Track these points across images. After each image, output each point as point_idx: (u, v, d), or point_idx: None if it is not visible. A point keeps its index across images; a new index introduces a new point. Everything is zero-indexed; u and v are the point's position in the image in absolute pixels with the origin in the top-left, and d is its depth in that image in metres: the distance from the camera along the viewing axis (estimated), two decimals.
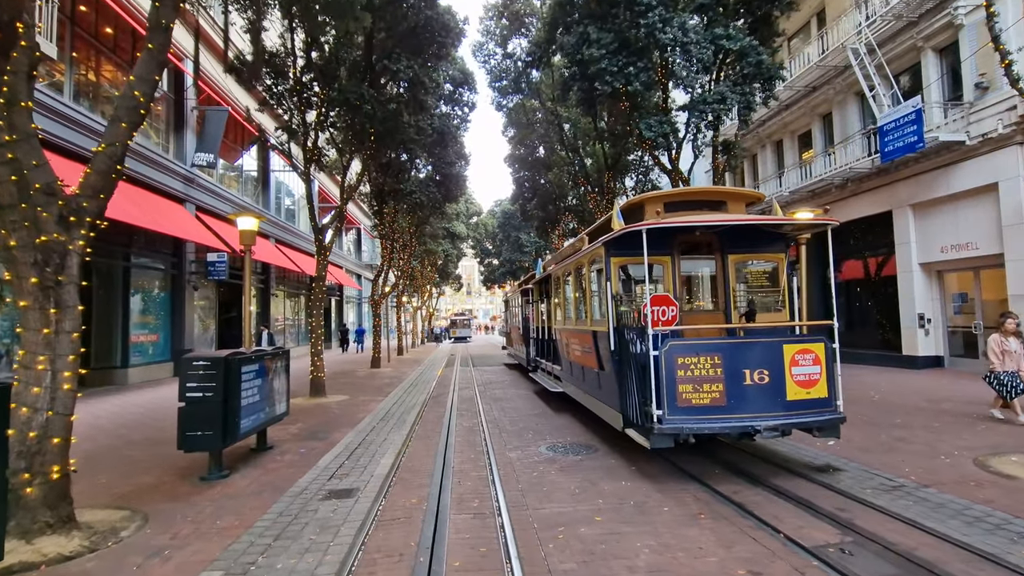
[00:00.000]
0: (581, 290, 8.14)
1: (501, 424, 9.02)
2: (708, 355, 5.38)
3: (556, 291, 10.25)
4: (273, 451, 7.32)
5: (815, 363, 5.49)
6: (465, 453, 7.04)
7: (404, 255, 25.40)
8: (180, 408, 5.84)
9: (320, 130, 12.62)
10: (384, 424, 9.14)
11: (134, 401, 12.01)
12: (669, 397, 5.37)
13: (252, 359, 6.52)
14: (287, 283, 27.73)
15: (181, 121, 17.77)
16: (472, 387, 14.50)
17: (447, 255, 36.70)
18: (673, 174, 13.44)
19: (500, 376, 17.32)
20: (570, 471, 6.02)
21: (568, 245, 9.28)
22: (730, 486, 5.31)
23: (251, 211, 8.61)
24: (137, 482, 5.91)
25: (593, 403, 7.58)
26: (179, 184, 16.77)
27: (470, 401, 11.89)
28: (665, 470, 5.99)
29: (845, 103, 16.57)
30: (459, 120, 20.80)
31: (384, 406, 11.01)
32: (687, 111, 11.95)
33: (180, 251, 17.36)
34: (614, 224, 6.49)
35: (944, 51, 13.61)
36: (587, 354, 7.54)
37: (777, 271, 6.80)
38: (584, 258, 7.48)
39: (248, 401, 6.38)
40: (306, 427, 9.00)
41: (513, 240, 47.70)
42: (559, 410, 10.17)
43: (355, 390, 13.86)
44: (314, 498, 5.30)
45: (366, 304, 45.05)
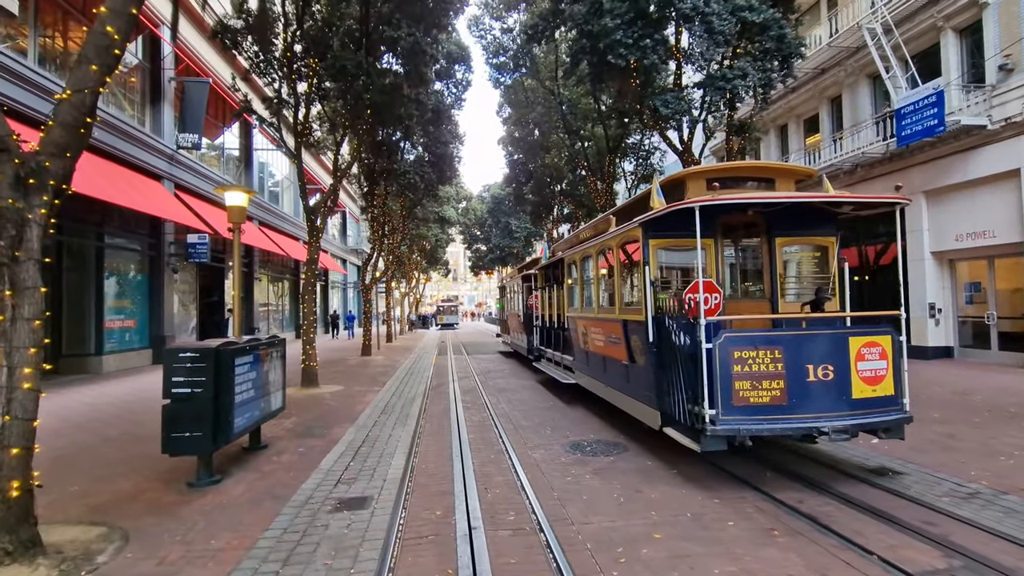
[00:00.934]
0: (606, 275, 7.52)
1: (513, 419, 8.42)
2: (768, 348, 4.81)
3: (570, 277, 9.61)
4: (268, 450, 6.62)
5: (882, 357, 4.96)
6: (483, 453, 6.42)
7: (395, 239, 24.52)
8: (165, 406, 5.09)
9: (312, 103, 11.71)
10: (386, 418, 8.47)
11: (110, 392, 11.14)
12: (724, 395, 4.80)
13: (246, 349, 5.79)
14: (271, 267, 26.68)
15: (158, 92, 16.60)
16: (472, 376, 13.88)
17: (437, 240, 35.80)
18: (685, 155, 12.83)
19: (498, 365, 16.72)
20: (606, 475, 5.44)
21: (586, 227, 8.64)
22: (790, 493, 4.77)
23: (240, 186, 7.81)
24: (115, 489, 5.17)
25: (619, 398, 7.00)
26: (156, 160, 15.69)
27: (473, 392, 11.27)
28: (710, 473, 5.45)
29: (856, 86, 16.09)
30: (454, 98, 19.89)
31: (382, 397, 10.33)
32: (703, 88, 11.30)
33: (158, 231, 16.32)
34: (653, 202, 5.85)
35: (964, 31, 13.15)
36: (613, 345, 6.94)
37: (827, 255, 6.25)
38: (612, 240, 6.85)
39: (242, 397, 5.65)
40: (301, 422, 8.29)
41: (503, 226, 46.92)
42: (571, 403, 9.60)
43: (349, 380, 13.13)
44: (322, 509, 4.63)
45: (351, 289, 44.04)
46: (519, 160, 28.05)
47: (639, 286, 6.25)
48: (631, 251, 6.58)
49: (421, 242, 32.70)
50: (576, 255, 8.79)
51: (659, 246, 5.92)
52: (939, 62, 13.58)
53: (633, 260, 6.57)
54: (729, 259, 6.62)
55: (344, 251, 40.98)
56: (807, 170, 6.11)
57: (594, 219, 8.52)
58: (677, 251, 6.38)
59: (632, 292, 6.77)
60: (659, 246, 5.92)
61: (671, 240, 5.95)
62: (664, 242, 5.94)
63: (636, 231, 6.00)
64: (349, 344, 26.11)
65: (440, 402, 10.17)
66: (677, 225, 5.83)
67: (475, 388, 11.81)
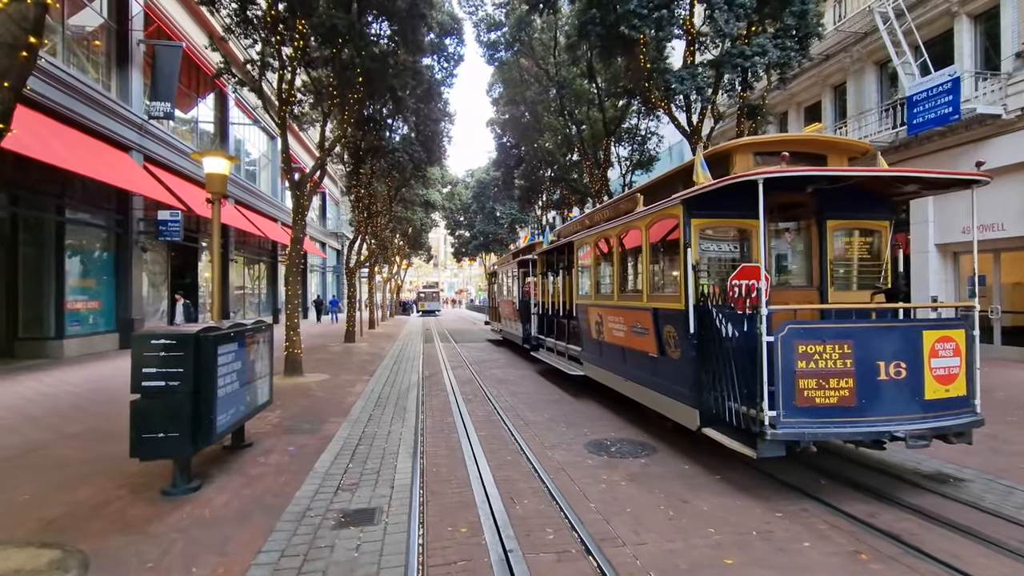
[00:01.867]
0: (632, 259, 6.90)
1: (521, 413, 7.79)
2: (836, 342, 4.25)
3: (580, 262, 8.98)
4: (254, 450, 5.87)
5: (955, 354, 4.46)
6: (499, 454, 5.77)
7: (379, 221, 23.55)
8: (134, 402, 4.31)
9: (298, 68, 10.73)
10: (381, 412, 7.77)
11: (71, 379, 10.16)
12: (786, 395, 4.23)
13: (231, 336, 5.01)
14: (247, 249, 25.45)
15: (125, 56, 15.30)
16: (465, 366, 13.21)
17: (422, 224, 34.81)
18: (694, 137, 12.26)
19: (490, 354, 16.08)
20: (642, 482, 4.85)
21: (602, 208, 7.99)
22: (856, 505, 4.25)
23: (220, 152, 6.92)
24: (74, 499, 4.39)
25: (644, 394, 6.42)
26: (124, 129, 14.47)
27: (471, 383, 10.60)
28: (757, 480, 4.91)
29: (863, 73, 15.71)
30: (445, 73, 18.94)
31: (373, 388, 9.61)
32: (720, 65, 10.70)
33: (126, 206, 15.12)
34: (698, 177, 5.23)
35: (980, 17, 12.79)
36: (638, 335, 6.34)
37: (880, 241, 5.74)
38: (640, 221, 6.22)
39: (226, 391, 4.89)
40: (288, 415, 7.53)
41: (488, 212, 46.05)
42: (579, 395, 9.03)
43: (335, 368, 12.34)
44: (324, 524, 3.95)
45: (330, 273, 42.76)
46: (509, 143, 27.22)
47: (676, 271, 5.65)
48: (664, 232, 5.95)
49: (405, 226, 31.67)
50: (589, 238, 8.15)
51: (702, 227, 5.30)
52: (951, 49, 13.22)
53: (667, 242, 5.95)
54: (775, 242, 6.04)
55: (323, 234, 39.68)
56: (862, 145, 5.55)
57: (612, 199, 7.88)
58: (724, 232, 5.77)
59: (665, 278, 6.16)
60: (702, 227, 5.30)
61: (716, 220, 5.35)
62: (708, 222, 5.33)
63: (675, 209, 5.38)
64: (331, 330, 25.14)
65: (438, 394, 9.48)
66: (721, 203, 5.24)
67: (472, 379, 11.15)
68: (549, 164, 23.78)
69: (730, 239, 5.77)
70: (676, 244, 5.91)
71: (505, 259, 18.01)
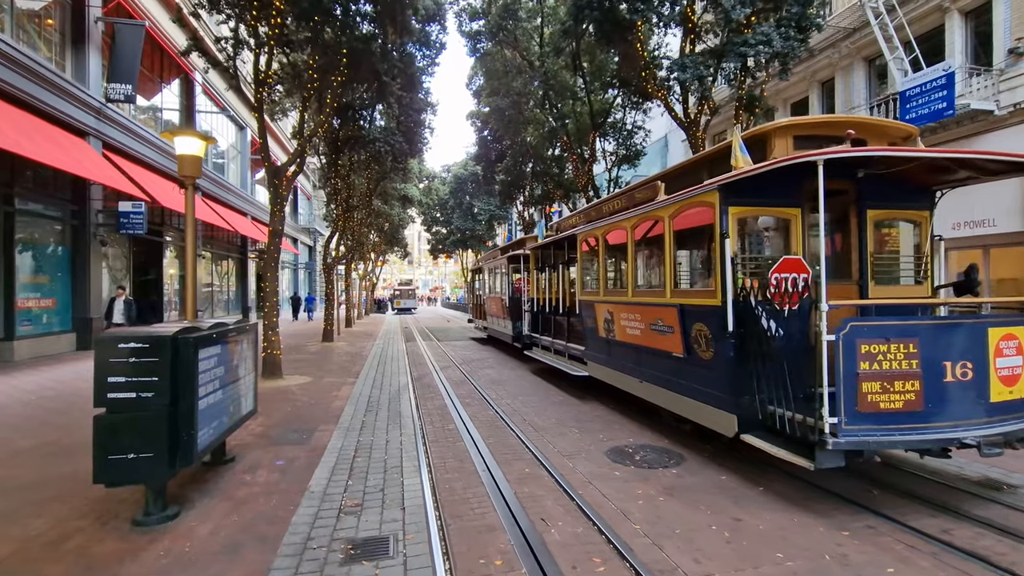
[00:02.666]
0: (651, 252, 6.45)
1: (526, 417, 7.28)
2: (900, 341, 3.86)
3: (585, 256, 8.50)
4: (237, 465, 5.20)
5: (1018, 352, 4.13)
6: (514, 465, 5.25)
7: (359, 215, 22.68)
8: (99, 418, 3.64)
9: (276, 46, 9.93)
10: (373, 417, 7.15)
11: (23, 385, 9.18)
12: (848, 399, 3.83)
13: (213, 338, 4.34)
14: (215, 244, 24.20)
15: (81, 34, 14.12)
16: (454, 366, 12.61)
17: (399, 220, 33.91)
18: (692, 129, 11.93)
19: (477, 352, 15.50)
20: (682, 496, 4.40)
21: (612, 198, 7.52)
22: (925, 520, 3.88)
23: (193, 130, 6.16)
24: (26, 532, 3.69)
25: (666, 397, 5.98)
26: (80, 113, 13.36)
27: (464, 385, 10.03)
28: (805, 491, 4.51)
29: (851, 68, 15.68)
30: (429, 61, 18.20)
31: (361, 391, 8.95)
32: (723, 54, 10.37)
33: (83, 197, 13.97)
34: (736, 161, 4.80)
35: (970, 14, 12.81)
36: (660, 334, 5.90)
37: (920, 232, 5.42)
38: (663, 211, 5.76)
39: (208, 401, 4.23)
40: (272, 423, 6.85)
41: (465, 207, 45.35)
42: (583, 397, 8.56)
43: (316, 369, 11.60)
44: (331, 559, 3.37)
45: (302, 270, 41.39)
46: (490, 136, 26.62)
47: (708, 264, 5.22)
48: (694, 222, 5.52)
49: (382, 221, 30.73)
50: (596, 231, 7.67)
51: (740, 215, 4.87)
52: (941, 45, 13.23)
53: (697, 233, 5.52)
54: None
55: (295, 230, 38.33)
56: (906, 127, 5.21)
57: (626, 188, 7.41)
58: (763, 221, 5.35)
59: (695, 271, 5.73)
60: (740, 215, 4.87)
61: (755, 208, 4.92)
62: (747, 210, 4.89)
63: (710, 197, 4.93)
64: (306, 328, 24.14)
65: (432, 397, 8.88)
66: (761, 190, 4.83)
67: (464, 380, 10.57)
68: (534, 158, 23.27)
69: (770, 229, 5.37)
70: (707, 234, 5.49)
71: (492, 254, 17.45)
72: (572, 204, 22.63)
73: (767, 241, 5.48)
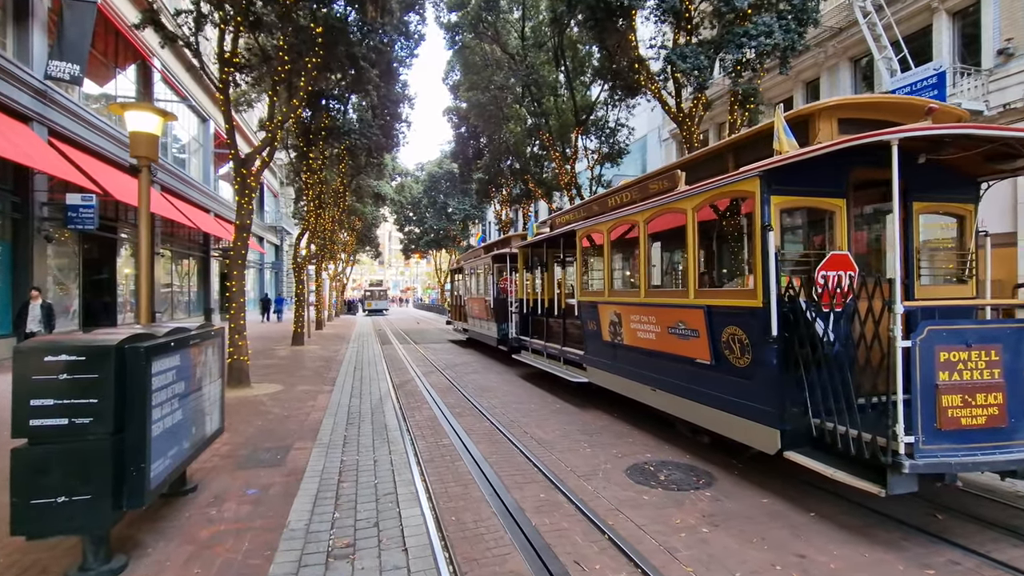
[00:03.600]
0: (669, 248, 5.90)
1: (526, 428, 6.64)
2: (982, 348, 3.39)
3: (586, 254, 7.92)
4: (199, 496, 4.40)
5: None
6: (527, 489, 4.60)
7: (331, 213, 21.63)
8: (17, 452, 2.84)
9: (243, 23, 9.04)
10: (356, 432, 6.41)
11: None
12: (926, 414, 3.33)
13: (171, 346, 3.56)
14: (176, 242, 22.76)
15: (24, 9, 12.84)
16: (437, 371, 11.87)
17: (373, 218, 32.83)
18: (684, 123, 11.52)
19: (459, 356, 14.78)
20: (728, 526, 3.83)
21: (621, 189, 6.95)
22: (1011, 551, 3.42)
23: (148, 104, 5.31)
24: None
25: (686, 407, 5.43)
26: (21, 95, 12.10)
27: (452, 392, 9.32)
28: (860, 515, 4.01)
29: (837, 68, 15.62)
30: (407, 52, 17.41)
31: (339, 401, 8.16)
32: (724, 44, 9.96)
33: (25, 187, 12.68)
34: (780, 144, 4.28)
35: (958, 14, 12.81)
36: (681, 338, 5.35)
37: (964, 227, 5.02)
38: (685, 202, 5.21)
39: (165, 425, 3.45)
40: (241, 441, 6.03)
41: (439, 207, 44.47)
42: (582, 404, 7.98)
43: (287, 376, 10.70)
44: None
45: (268, 270, 39.75)
46: (467, 133, 25.91)
47: (742, 260, 4.69)
48: (725, 214, 4.99)
49: (354, 220, 29.62)
50: (601, 226, 7.09)
51: (783, 206, 4.34)
52: (928, 45, 13.22)
53: (729, 226, 4.99)
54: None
55: (261, 228, 36.74)
56: (956, 111, 4.80)
57: (638, 178, 6.85)
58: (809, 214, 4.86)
59: (726, 269, 5.20)
60: (783, 206, 4.34)
61: (798, 198, 4.40)
62: (790, 200, 4.37)
63: (748, 185, 4.40)
64: (275, 330, 22.93)
65: (419, 407, 8.15)
66: (804, 178, 4.33)
67: (451, 387, 9.86)
68: (514, 155, 22.66)
69: (810, 222, 4.88)
70: (740, 228, 4.97)
71: (474, 253, 16.76)
72: (554, 203, 22.12)
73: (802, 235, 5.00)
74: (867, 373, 3.90)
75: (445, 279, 57.02)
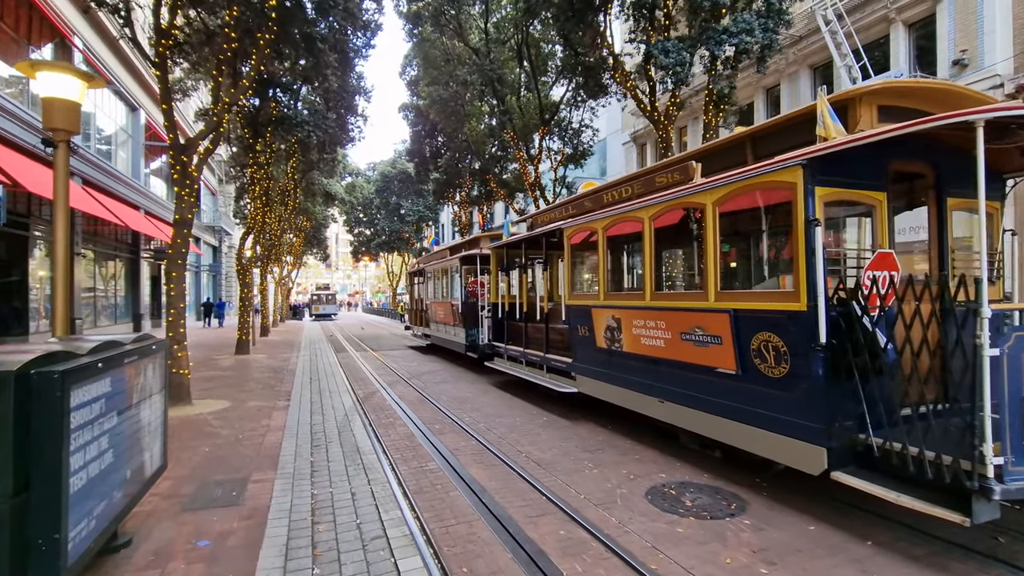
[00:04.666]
0: (683, 246, 5.41)
1: (521, 448, 5.98)
2: None
3: (577, 253, 7.36)
4: (135, 553, 3.49)
5: None
6: (542, 525, 3.94)
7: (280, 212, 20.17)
8: None
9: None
10: (324, 457, 5.57)
11: None
12: (1015, 432, 2.95)
13: (98, 368, 2.68)
14: (101, 241, 20.60)
15: None
16: (402, 381, 11.00)
17: (323, 219, 31.20)
18: (660, 123, 11.24)
19: (423, 364, 13.91)
20: (788, 565, 3.32)
21: (625, 181, 6.42)
22: None
23: (65, 65, 4.29)
24: None
25: (704, 421, 4.94)
26: None
27: (424, 405, 8.53)
28: (920, 543, 3.60)
29: (797, 76, 15.91)
30: (364, 41, 16.38)
31: (298, 418, 7.22)
32: (703, 42, 9.72)
33: None
34: (826, 130, 3.86)
35: (914, 25, 13.23)
36: (699, 346, 4.86)
37: (993, 224, 4.78)
38: (704, 196, 4.73)
39: (90, 473, 2.58)
40: (186, 474, 5.06)
41: (393, 207, 43.08)
42: (572, 416, 7.41)
43: (234, 389, 9.56)
44: None
45: (205, 273, 37.09)
46: (424, 132, 24.99)
47: (774, 260, 4.25)
48: (755, 208, 4.54)
49: (302, 220, 27.97)
50: (595, 223, 6.55)
51: (827, 198, 3.91)
52: (887, 55, 13.59)
53: (756, 220, 4.53)
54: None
55: (198, 228, 34.19)
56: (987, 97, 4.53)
57: (643, 170, 6.35)
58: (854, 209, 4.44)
59: (758, 268, 4.74)
60: (827, 198, 3.91)
61: (842, 190, 3.98)
62: (834, 192, 3.94)
63: (788, 175, 3.95)
64: (215, 337, 21.14)
65: (392, 424, 7.32)
66: (848, 169, 3.93)
67: (422, 399, 9.06)
68: (473, 155, 21.95)
69: (856, 216, 4.50)
70: (771, 223, 4.53)
71: (439, 254, 15.93)
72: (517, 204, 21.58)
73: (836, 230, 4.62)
74: (929, 384, 3.51)
75: (398, 282, 55.41)
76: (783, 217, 4.27)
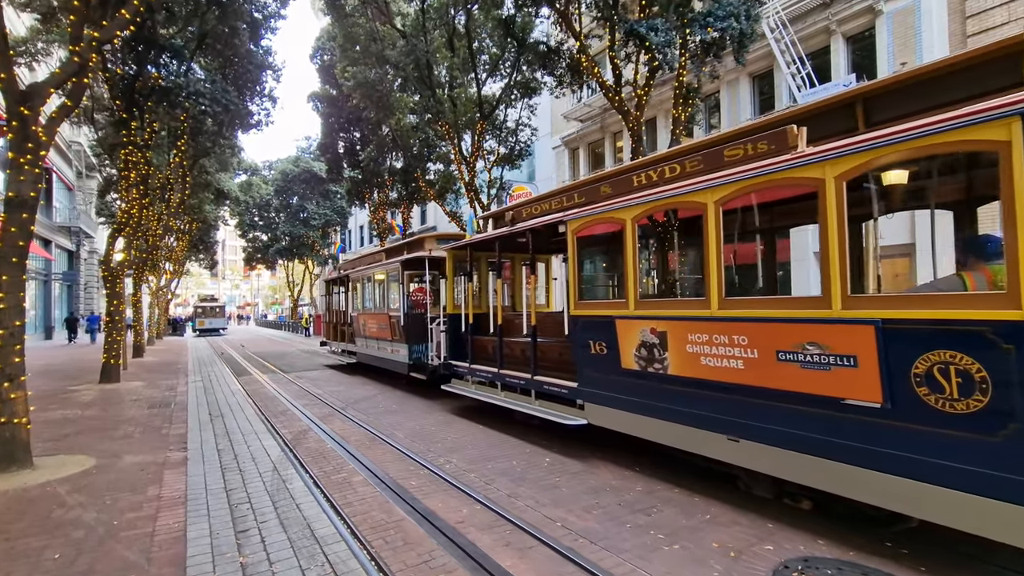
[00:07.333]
0: (775, 238, 4.18)
1: (545, 511, 4.38)
2: None
3: (586, 250, 5.93)
4: None
5: None
6: None
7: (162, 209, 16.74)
8: None
9: None
10: (257, 551, 3.64)
11: None
12: None
13: None
14: None
15: None
16: (337, 413, 8.85)
17: (213, 220, 27.15)
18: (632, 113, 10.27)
19: (353, 387, 11.70)
20: None
21: (656, 159, 5.12)
22: None
23: None
24: None
25: (829, 473, 3.68)
26: None
27: (378, 446, 6.61)
28: None
29: (737, 84, 15.90)
30: (273, 14, 13.92)
31: (204, 482, 5.07)
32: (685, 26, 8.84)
33: None
34: None
35: (853, 38, 13.54)
36: (811, 368, 3.63)
37: None
38: (823, 169, 3.52)
39: None
40: None
41: (295, 210, 39.22)
42: (576, 452, 5.94)
43: (102, 437, 6.95)
44: None
45: (57, 283, 30.92)
46: (339, 124, 22.48)
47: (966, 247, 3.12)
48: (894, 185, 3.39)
49: (187, 220, 23.96)
50: (623, 213, 5.14)
51: None
52: (828, 64, 13.82)
53: (921, 196, 3.39)
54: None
55: (49, 229, 28.52)
56: None
57: (698, 142, 5.06)
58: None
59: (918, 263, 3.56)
60: None
61: None
62: None
63: (989, 131, 2.82)
64: (73, 360, 16.97)
65: (347, 482, 5.34)
66: None
67: (373, 437, 7.09)
68: (399, 150, 19.88)
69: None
70: (930, 198, 3.41)
71: (370, 258, 13.78)
72: (447, 207, 19.83)
73: None
74: None
75: (300, 292, 50.63)
76: (972, 189, 3.15)
